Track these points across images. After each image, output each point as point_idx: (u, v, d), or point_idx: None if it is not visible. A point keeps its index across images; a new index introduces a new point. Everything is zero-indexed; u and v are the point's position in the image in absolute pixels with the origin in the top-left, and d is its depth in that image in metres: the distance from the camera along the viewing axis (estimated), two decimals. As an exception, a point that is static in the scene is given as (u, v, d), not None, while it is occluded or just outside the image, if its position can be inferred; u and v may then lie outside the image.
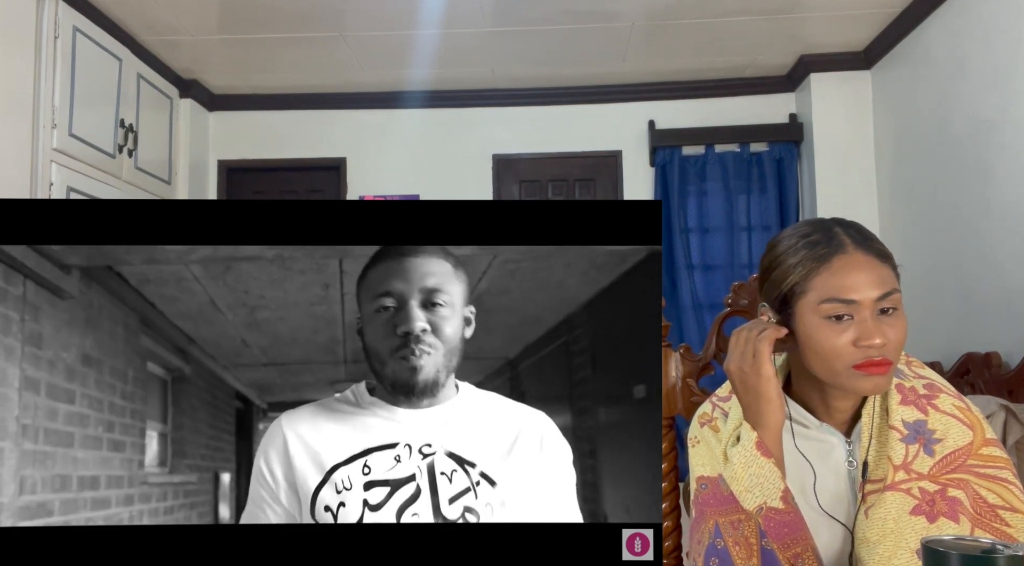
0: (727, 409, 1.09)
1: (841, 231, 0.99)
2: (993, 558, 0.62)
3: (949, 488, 0.94)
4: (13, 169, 2.57)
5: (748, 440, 0.97)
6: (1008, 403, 1.96)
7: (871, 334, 0.93)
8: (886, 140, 3.47)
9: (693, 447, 1.09)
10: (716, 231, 3.79)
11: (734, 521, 0.97)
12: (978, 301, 2.66)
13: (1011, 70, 2.47)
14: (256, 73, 3.74)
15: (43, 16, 2.69)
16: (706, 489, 1.03)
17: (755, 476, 0.96)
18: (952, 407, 0.99)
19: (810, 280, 0.97)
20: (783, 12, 3.11)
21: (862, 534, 0.95)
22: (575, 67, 3.69)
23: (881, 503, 0.94)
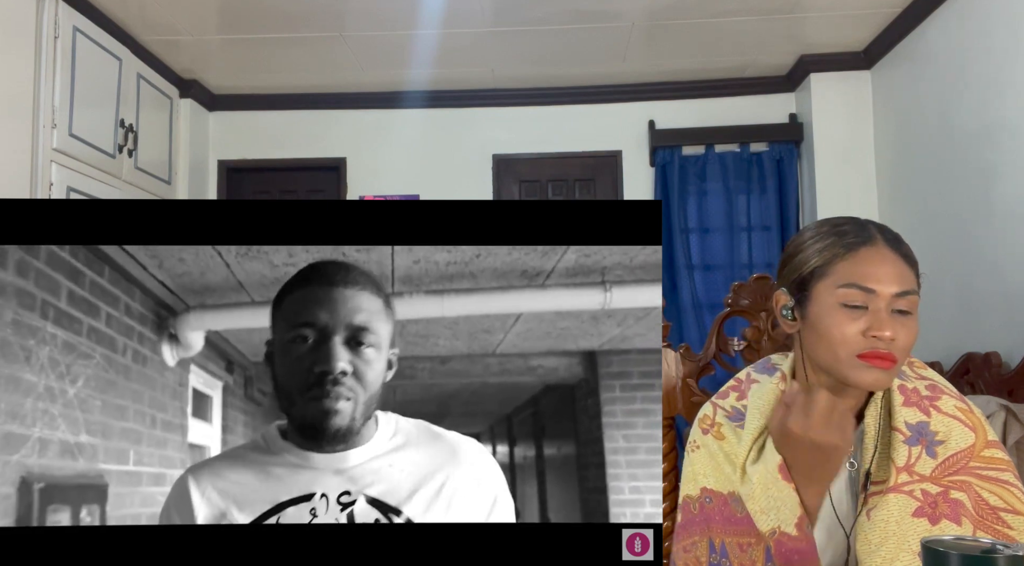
0: (731, 410, 1.07)
1: (874, 228, 1.00)
2: (993, 558, 0.62)
3: (951, 490, 0.94)
4: (13, 169, 2.56)
5: (772, 462, 0.96)
6: (1008, 403, 1.96)
7: (883, 325, 0.93)
8: (886, 140, 3.47)
9: (692, 451, 1.08)
10: (716, 231, 3.79)
11: (743, 544, 0.97)
12: (978, 301, 2.66)
13: (1011, 70, 2.47)
14: (256, 73, 3.74)
15: (43, 16, 2.69)
16: (711, 503, 1.01)
17: (773, 499, 0.95)
18: (954, 408, 0.99)
19: (833, 264, 0.98)
20: (783, 12, 3.11)
21: (863, 536, 0.94)
22: (575, 67, 3.68)
23: (883, 505, 0.94)
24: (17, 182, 2.57)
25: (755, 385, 1.09)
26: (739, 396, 1.10)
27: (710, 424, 1.08)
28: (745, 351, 1.49)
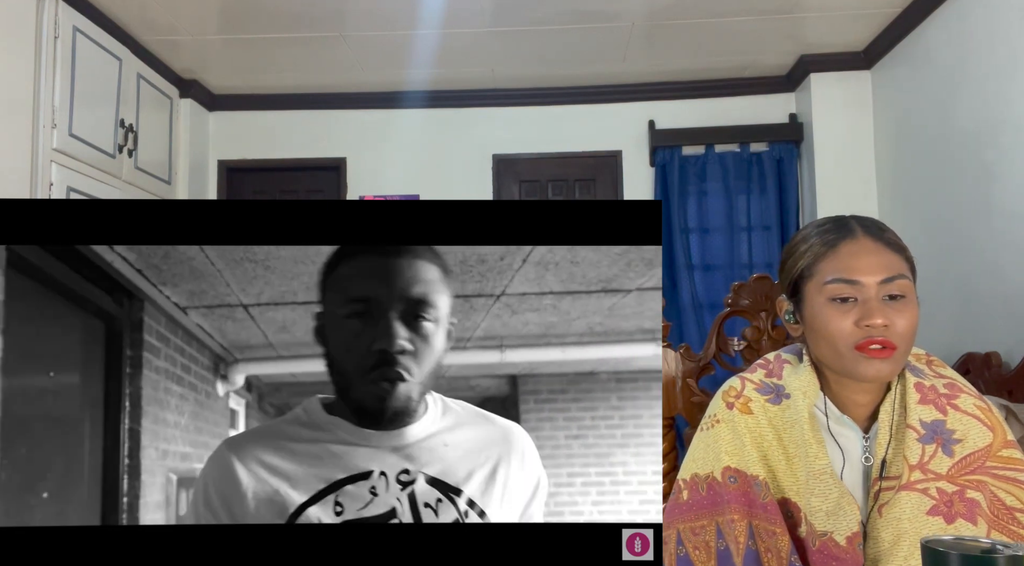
0: (759, 384, 1.05)
1: (855, 222, 1.00)
2: (993, 558, 0.62)
3: (967, 490, 0.93)
4: (13, 169, 2.56)
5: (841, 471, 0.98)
6: (1008, 403, 1.96)
7: (872, 314, 0.93)
8: (886, 140, 3.46)
9: (711, 427, 1.04)
10: (716, 231, 3.79)
11: (768, 531, 0.97)
12: (978, 301, 2.66)
13: (1011, 70, 2.47)
14: (256, 73, 3.74)
15: (43, 16, 2.69)
16: (735, 483, 1.00)
17: (839, 506, 0.95)
18: (973, 407, 0.98)
19: (818, 263, 0.98)
20: (783, 12, 3.11)
21: (875, 532, 0.94)
22: (575, 67, 3.68)
23: (896, 503, 0.94)
24: (17, 182, 2.57)
25: (787, 366, 1.06)
26: (767, 373, 1.07)
27: (736, 396, 1.04)
28: (745, 351, 1.49)
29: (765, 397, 1.03)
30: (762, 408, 1.02)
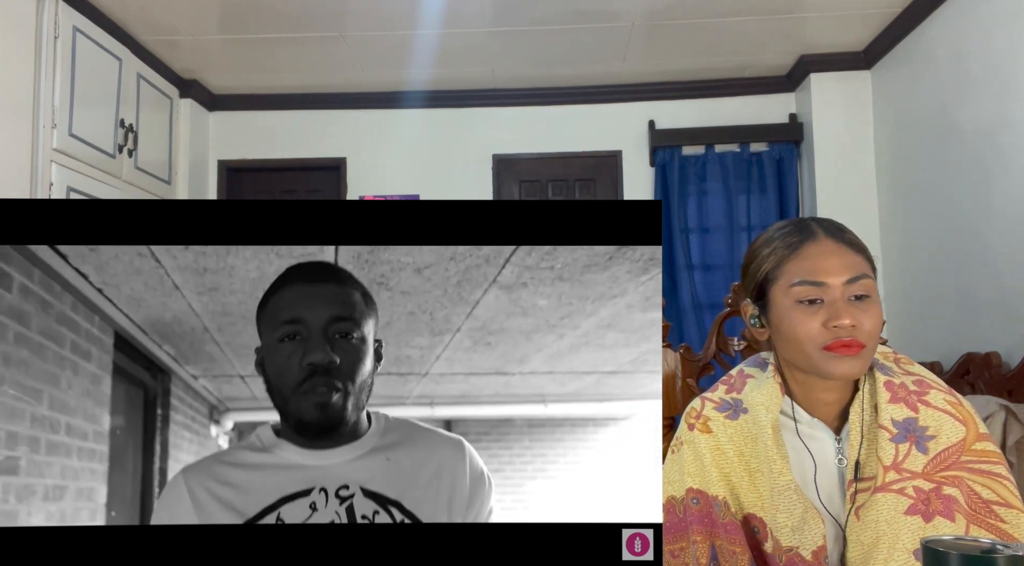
0: (719, 401, 1.06)
1: (815, 223, 1.01)
2: (993, 558, 0.62)
3: (944, 486, 0.93)
4: (13, 169, 2.57)
5: (808, 488, 0.97)
6: (1008, 403, 1.96)
7: (840, 314, 0.94)
8: (886, 140, 3.47)
9: (676, 451, 1.07)
10: (716, 231, 3.79)
11: (729, 551, 0.97)
12: (978, 301, 2.66)
13: (1011, 70, 2.47)
14: (256, 73, 3.74)
15: (43, 16, 2.69)
16: (698, 505, 1.01)
17: (804, 521, 0.95)
18: (944, 402, 0.98)
19: (782, 266, 0.99)
20: (783, 12, 3.11)
21: (855, 536, 0.94)
22: (575, 67, 3.69)
23: (872, 505, 0.93)
24: (17, 182, 2.57)
25: (751, 380, 1.08)
26: (728, 389, 1.08)
27: (696, 416, 1.06)
28: (745, 351, 1.49)
29: (723, 414, 1.05)
30: (721, 425, 1.04)
